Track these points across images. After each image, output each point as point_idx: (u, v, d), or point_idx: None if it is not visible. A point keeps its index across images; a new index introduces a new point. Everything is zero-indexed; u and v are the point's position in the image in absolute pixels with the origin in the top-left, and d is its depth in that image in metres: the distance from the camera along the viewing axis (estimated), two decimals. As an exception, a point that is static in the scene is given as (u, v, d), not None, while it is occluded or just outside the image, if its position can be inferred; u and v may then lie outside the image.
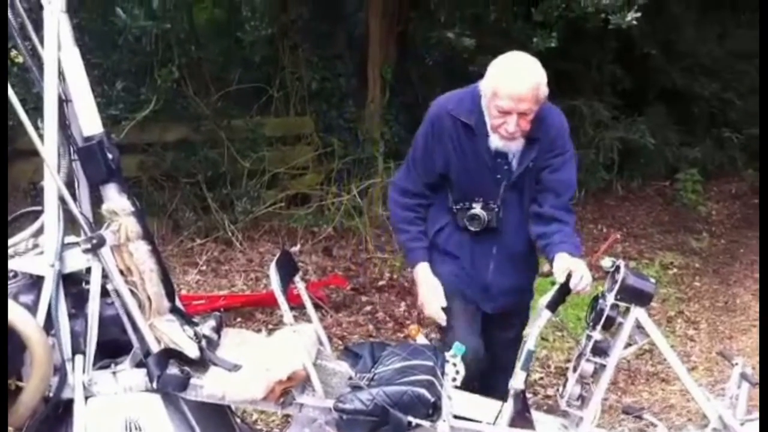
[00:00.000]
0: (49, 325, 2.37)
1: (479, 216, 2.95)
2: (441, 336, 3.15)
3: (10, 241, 2.50)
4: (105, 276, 2.42)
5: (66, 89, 2.45)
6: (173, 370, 2.45)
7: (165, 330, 2.50)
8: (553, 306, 2.68)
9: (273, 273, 2.59)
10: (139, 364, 2.48)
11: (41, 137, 2.41)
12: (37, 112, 2.53)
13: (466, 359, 2.77)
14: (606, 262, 2.77)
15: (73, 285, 2.47)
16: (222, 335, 2.71)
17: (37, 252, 2.47)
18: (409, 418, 2.42)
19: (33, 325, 2.32)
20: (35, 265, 2.41)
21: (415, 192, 3.05)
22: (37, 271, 2.40)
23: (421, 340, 2.93)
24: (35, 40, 2.47)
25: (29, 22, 2.46)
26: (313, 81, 6.91)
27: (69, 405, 2.41)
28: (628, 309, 2.68)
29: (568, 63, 7.95)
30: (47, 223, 2.43)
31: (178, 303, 2.69)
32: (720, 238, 7.96)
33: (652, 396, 4.22)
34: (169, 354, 2.47)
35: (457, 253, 3.03)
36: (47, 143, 2.41)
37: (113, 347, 2.50)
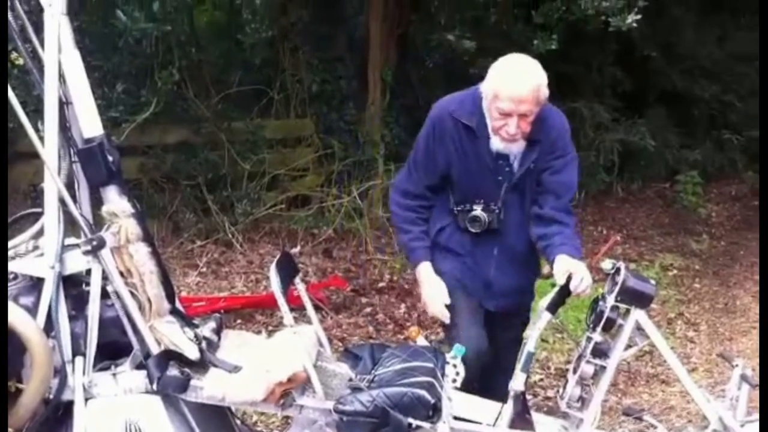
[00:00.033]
0: (50, 327, 2.36)
1: (480, 218, 2.96)
2: (445, 334, 3.16)
3: (10, 243, 2.50)
4: (105, 278, 2.42)
5: (66, 91, 2.45)
6: (173, 371, 2.44)
7: (165, 332, 2.50)
8: (554, 308, 2.68)
9: (273, 274, 2.59)
10: (140, 365, 2.47)
11: (42, 139, 2.41)
12: (38, 114, 2.52)
13: (467, 357, 2.76)
14: (606, 263, 2.77)
15: (74, 287, 2.47)
16: (222, 337, 2.70)
17: (38, 254, 2.47)
18: (410, 419, 2.42)
19: (33, 327, 2.31)
20: (35, 267, 2.41)
21: (417, 194, 3.06)
22: (38, 273, 2.40)
23: (421, 341, 2.93)
24: (36, 42, 2.47)
25: (30, 24, 2.46)
26: (314, 83, 6.91)
27: (69, 407, 2.40)
28: (628, 311, 2.67)
29: (568, 65, 7.97)
30: (47, 225, 2.43)
31: (178, 305, 2.69)
32: (720, 240, 7.96)
33: (652, 397, 4.22)
34: (170, 356, 2.47)
35: (459, 251, 3.04)
36: (47, 145, 2.41)
37: (113, 349, 2.50)
